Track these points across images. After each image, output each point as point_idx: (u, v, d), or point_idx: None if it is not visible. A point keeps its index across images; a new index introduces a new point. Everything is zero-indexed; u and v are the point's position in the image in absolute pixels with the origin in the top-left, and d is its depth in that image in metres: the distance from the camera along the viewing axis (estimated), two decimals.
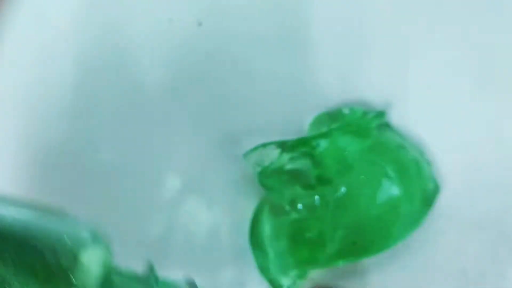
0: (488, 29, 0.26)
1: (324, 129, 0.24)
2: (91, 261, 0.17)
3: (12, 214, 0.18)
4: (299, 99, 0.26)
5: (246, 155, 0.24)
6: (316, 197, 0.23)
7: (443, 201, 0.25)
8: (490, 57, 0.26)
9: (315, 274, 0.25)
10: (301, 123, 0.26)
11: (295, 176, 0.24)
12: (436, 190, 0.25)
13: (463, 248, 0.25)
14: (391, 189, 0.23)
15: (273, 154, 0.24)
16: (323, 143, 0.24)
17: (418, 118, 0.26)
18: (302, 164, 0.24)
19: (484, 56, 0.26)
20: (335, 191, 0.23)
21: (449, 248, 0.25)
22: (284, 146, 0.24)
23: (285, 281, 0.24)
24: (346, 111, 0.25)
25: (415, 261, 0.25)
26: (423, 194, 0.24)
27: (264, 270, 0.24)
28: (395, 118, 0.26)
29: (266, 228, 0.24)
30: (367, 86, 0.26)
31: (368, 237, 0.24)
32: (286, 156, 0.24)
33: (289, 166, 0.24)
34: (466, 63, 0.26)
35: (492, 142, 0.26)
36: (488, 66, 0.26)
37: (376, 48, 0.26)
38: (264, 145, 0.24)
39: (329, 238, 0.23)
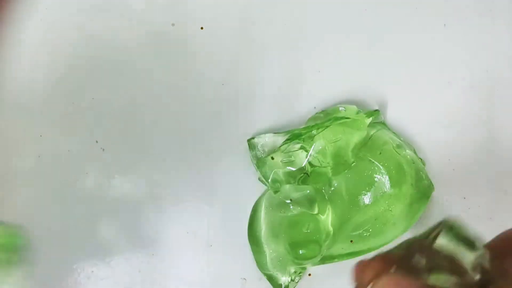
0: (480, 32, 0.27)
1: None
2: None
3: None
4: (298, 101, 0.26)
5: (249, 140, 0.25)
6: (308, 191, 0.24)
7: (436, 199, 0.25)
8: (482, 59, 0.26)
9: (313, 270, 0.26)
10: (299, 124, 0.26)
11: (291, 170, 0.24)
12: (430, 188, 0.25)
13: None
14: (386, 187, 0.24)
15: (273, 144, 0.24)
16: (319, 141, 0.24)
17: (413, 118, 0.26)
18: (298, 159, 0.24)
19: (476, 58, 0.26)
20: (330, 187, 0.24)
21: None
22: (285, 135, 0.24)
23: (283, 277, 0.24)
24: (341, 109, 0.25)
25: None
26: (417, 192, 0.24)
27: (262, 266, 0.25)
28: (391, 118, 0.26)
29: (264, 225, 0.24)
30: (363, 87, 0.26)
31: (364, 234, 0.24)
32: (283, 149, 0.24)
33: (285, 159, 0.24)
34: (458, 64, 0.26)
35: (484, 142, 0.26)
36: (479, 68, 0.26)
37: (373, 50, 0.26)
38: (266, 134, 0.25)
39: (326, 234, 0.24)
